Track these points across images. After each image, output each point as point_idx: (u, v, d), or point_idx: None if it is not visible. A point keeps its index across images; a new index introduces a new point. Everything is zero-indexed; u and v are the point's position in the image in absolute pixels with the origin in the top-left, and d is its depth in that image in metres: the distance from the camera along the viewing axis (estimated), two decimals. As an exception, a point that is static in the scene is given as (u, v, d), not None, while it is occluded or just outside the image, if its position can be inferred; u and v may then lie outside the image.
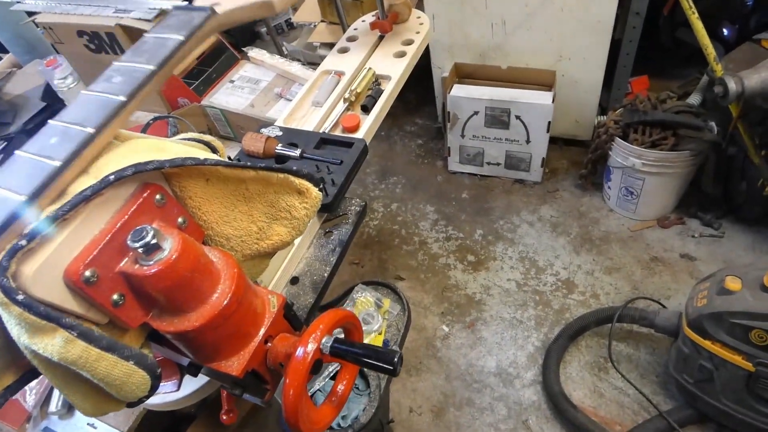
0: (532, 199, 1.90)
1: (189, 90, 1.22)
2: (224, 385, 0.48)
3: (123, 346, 0.33)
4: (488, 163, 1.97)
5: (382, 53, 0.92)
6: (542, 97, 1.70)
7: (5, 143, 1.26)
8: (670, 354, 1.26)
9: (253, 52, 1.32)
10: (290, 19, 2.65)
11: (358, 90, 0.83)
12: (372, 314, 0.86)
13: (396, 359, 0.37)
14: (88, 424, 0.85)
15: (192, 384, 0.54)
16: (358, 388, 0.82)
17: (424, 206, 1.99)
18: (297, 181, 0.43)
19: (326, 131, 0.78)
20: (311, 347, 0.39)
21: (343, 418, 0.77)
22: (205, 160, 0.38)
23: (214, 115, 1.22)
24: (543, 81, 1.78)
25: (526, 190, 1.94)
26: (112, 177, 0.33)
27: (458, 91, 1.81)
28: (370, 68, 0.87)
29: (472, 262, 1.77)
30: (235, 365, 0.41)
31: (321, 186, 0.45)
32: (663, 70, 1.96)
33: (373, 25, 0.95)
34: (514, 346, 1.53)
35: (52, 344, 0.31)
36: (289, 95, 1.18)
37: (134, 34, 1.22)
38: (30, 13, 1.42)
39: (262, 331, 0.42)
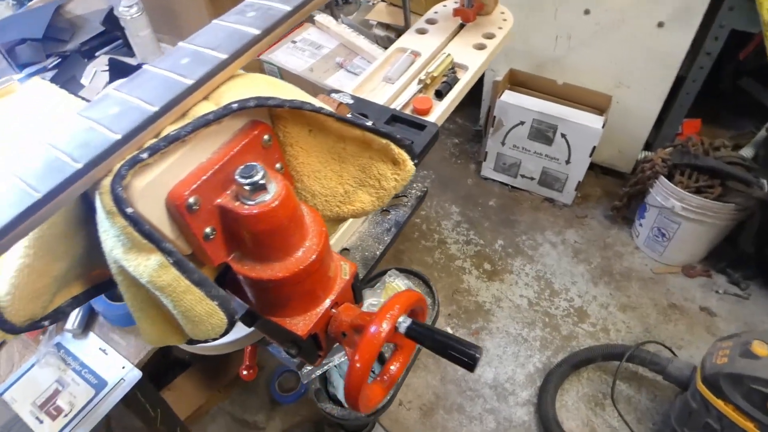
0: (559, 221, 1.87)
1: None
2: (271, 341, 0.47)
3: (212, 285, 0.31)
4: (522, 176, 1.94)
5: (462, 42, 0.89)
6: (593, 120, 1.67)
7: (59, 59, 1.25)
8: (674, 405, 1.24)
9: (320, 17, 1.29)
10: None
11: (434, 74, 0.80)
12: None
13: (478, 355, 0.35)
14: (100, 348, 0.84)
15: (233, 333, 0.53)
16: (374, 371, 0.80)
17: (450, 206, 1.97)
18: (397, 150, 0.41)
19: (397, 109, 0.76)
20: (386, 325, 0.37)
21: (356, 399, 0.75)
22: (321, 108, 0.36)
23: (271, 72, 1.20)
24: (596, 104, 1.75)
25: (554, 210, 1.91)
26: (235, 105, 0.31)
27: (509, 97, 1.78)
28: (448, 54, 0.84)
29: (488, 271, 1.75)
30: (300, 325, 0.39)
31: (416, 161, 0.43)
32: (717, 116, 1.92)
33: (456, 12, 0.93)
34: (515, 363, 1.51)
35: (146, 265, 0.30)
36: (350, 66, 1.16)
37: (206, -26, 1.20)
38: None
39: (332, 297, 0.41)
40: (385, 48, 1.23)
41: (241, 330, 0.52)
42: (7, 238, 0.25)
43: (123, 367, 0.83)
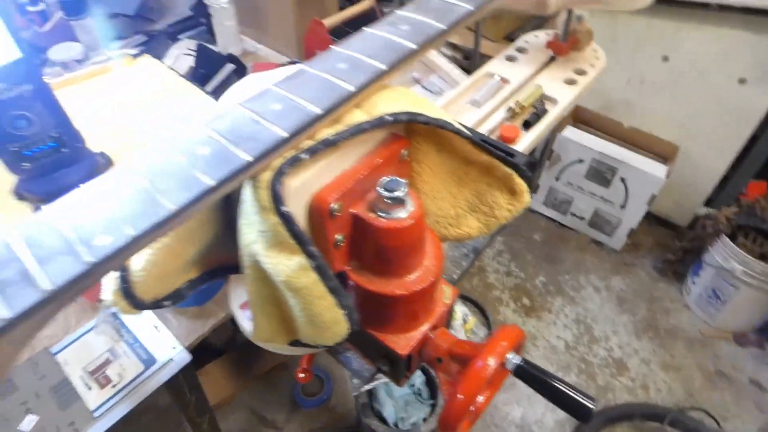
0: (605, 265, 1.82)
1: (331, 45, 1.22)
2: (356, 352, 0.46)
3: (344, 294, 0.31)
4: (572, 214, 1.90)
5: (552, 75, 0.88)
6: (656, 168, 1.63)
7: (146, 38, 1.29)
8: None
9: (401, 31, 1.31)
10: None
11: (524, 104, 0.80)
12: (456, 328, 0.83)
13: (593, 407, 0.34)
14: (153, 325, 0.85)
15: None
16: (421, 395, 0.79)
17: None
18: (519, 181, 0.40)
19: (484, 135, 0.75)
20: (493, 361, 0.36)
21: (402, 419, 0.74)
22: (461, 130, 0.36)
23: (346, 79, 1.22)
24: (661, 152, 1.71)
25: (601, 254, 1.86)
26: (390, 118, 0.31)
27: (571, 134, 1.75)
28: (540, 86, 0.83)
29: (526, 306, 1.71)
30: (401, 343, 0.38)
31: (533, 194, 0.42)
32: (786, 183, 1.85)
33: (549, 44, 0.92)
34: (546, 407, 1.47)
35: (286, 265, 0.29)
36: (426, 83, 1.16)
37: (299, -23, 1.23)
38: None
39: (432, 320, 0.40)
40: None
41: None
42: (179, 218, 0.25)
43: (173, 348, 0.84)
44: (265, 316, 0.35)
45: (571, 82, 0.87)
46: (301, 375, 0.71)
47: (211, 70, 1.09)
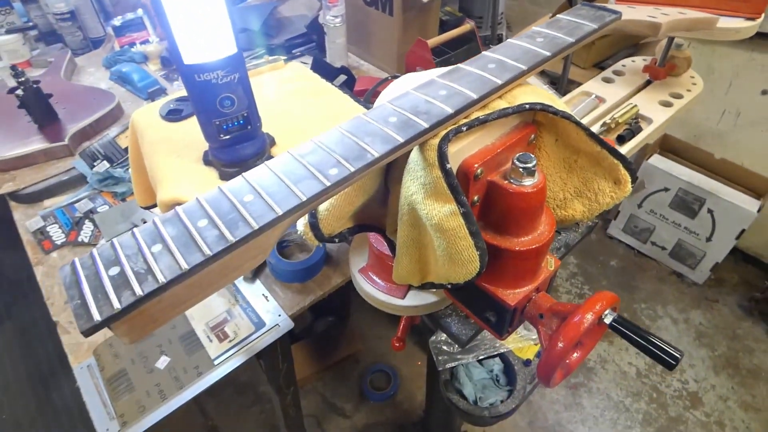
0: (685, 298, 1.78)
1: (432, 63, 1.33)
2: (465, 309, 0.55)
3: (482, 238, 0.40)
4: (653, 243, 1.88)
5: (648, 97, 0.93)
6: (748, 202, 1.59)
7: (265, 51, 1.47)
8: None
9: (496, 53, 1.40)
10: (502, 36, 2.73)
11: (619, 120, 0.85)
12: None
13: (679, 356, 0.40)
14: (263, 294, 0.98)
15: (413, 299, 0.62)
16: (499, 381, 0.85)
17: (568, 256, 1.95)
18: (623, 171, 0.47)
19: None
20: (591, 316, 0.43)
21: (480, 399, 0.81)
22: (580, 122, 0.44)
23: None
24: (754, 186, 1.66)
25: (682, 287, 1.82)
26: (527, 106, 0.40)
27: (658, 161, 1.75)
28: (635, 105, 0.89)
29: (598, 329, 1.70)
30: (511, 296, 0.46)
31: (635, 185, 0.49)
32: None
33: (645, 68, 0.97)
34: (612, 429, 1.46)
35: (439, 210, 0.39)
36: (518, 101, 1.24)
37: (407, 1, 1.36)
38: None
39: (539, 281, 0.48)
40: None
41: (417, 298, 0.60)
42: (378, 164, 0.35)
43: (279, 315, 0.96)
44: (408, 257, 0.44)
45: (666, 104, 0.91)
46: (397, 344, 0.80)
47: (326, 79, 1.23)
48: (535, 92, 0.43)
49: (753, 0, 0.81)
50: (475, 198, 0.42)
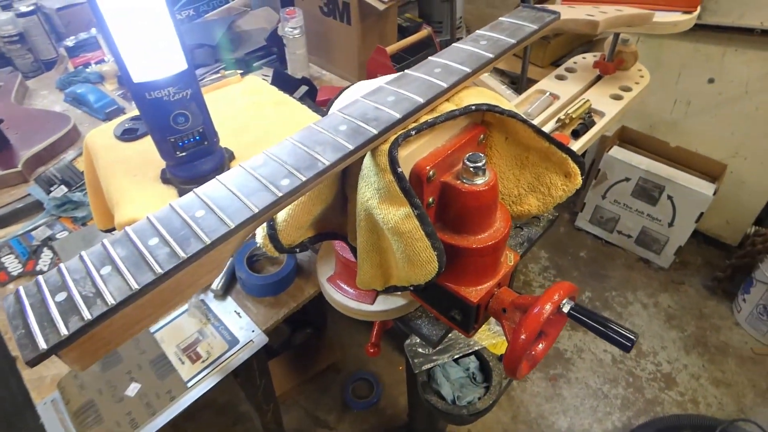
0: (653, 283, 1.83)
1: (392, 69, 1.34)
2: (431, 309, 0.55)
3: (437, 238, 0.41)
4: (619, 232, 1.93)
5: (599, 91, 0.97)
6: (704, 186, 1.65)
7: (223, 65, 1.47)
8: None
9: (454, 56, 1.43)
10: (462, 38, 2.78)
11: (573, 115, 0.88)
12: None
13: (634, 338, 0.41)
14: (235, 311, 0.97)
15: (383, 304, 0.62)
16: (475, 379, 0.86)
17: (539, 250, 1.99)
18: (572, 164, 0.49)
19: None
20: (550, 306, 0.44)
21: (458, 398, 0.81)
22: (526, 119, 0.45)
23: (404, 99, 1.34)
24: (708, 170, 1.73)
25: (649, 272, 1.88)
26: (473, 107, 0.41)
27: (617, 153, 1.80)
28: (587, 100, 0.92)
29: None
30: (473, 293, 0.47)
31: (584, 177, 0.51)
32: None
33: (596, 64, 1.01)
34: (592, 417, 1.49)
35: (394, 214, 0.39)
36: (478, 102, 1.26)
37: (364, 9, 1.37)
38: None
39: (499, 276, 0.49)
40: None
41: (387, 303, 0.61)
42: (329, 172, 0.35)
43: (253, 331, 0.95)
44: (369, 262, 0.45)
45: (617, 97, 0.95)
46: (371, 350, 0.80)
47: (287, 91, 1.23)
48: (481, 93, 0.44)
49: (688, -6, 0.86)
50: (430, 200, 0.43)
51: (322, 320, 1.68)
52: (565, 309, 0.45)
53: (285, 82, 1.26)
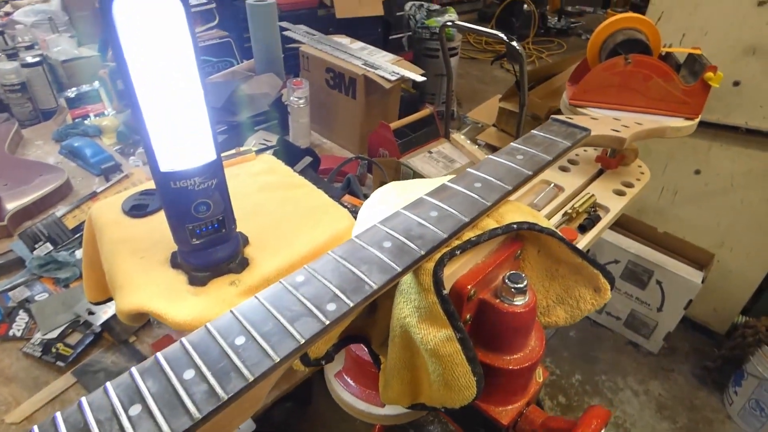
0: (643, 368, 1.81)
1: (394, 144, 1.37)
2: (459, 423, 0.52)
3: (478, 363, 0.38)
4: (608, 314, 1.93)
5: (602, 185, 0.98)
6: (692, 274, 1.68)
7: (227, 127, 1.48)
8: None
9: (456, 136, 1.46)
10: (455, 112, 2.89)
11: (579, 209, 0.89)
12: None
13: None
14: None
15: (395, 407, 0.58)
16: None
17: (528, 327, 1.96)
18: (603, 280, 0.48)
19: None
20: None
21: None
22: (563, 237, 0.45)
23: (406, 174, 1.35)
24: (696, 258, 1.76)
25: (638, 357, 1.86)
26: (515, 226, 0.41)
27: (606, 234, 1.83)
28: (592, 194, 0.93)
29: (562, 404, 1.69)
30: (503, 414, 0.45)
31: (612, 291, 0.50)
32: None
33: (598, 159, 1.03)
34: None
35: (434, 335, 0.37)
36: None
37: (370, 86, 1.41)
38: (288, 40, 1.70)
39: (530, 395, 0.46)
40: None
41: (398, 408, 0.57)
42: (377, 294, 0.33)
43: (240, 414, 0.89)
44: (399, 379, 0.42)
45: (620, 193, 0.97)
46: (373, 447, 0.75)
47: (291, 161, 1.23)
48: (520, 209, 0.44)
49: (691, 103, 0.90)
50: (468, 317, 0.41)
51: (307, 394, 1.59)
52: (603, 440, 0.42)
53: (289, 152, 1.26)
